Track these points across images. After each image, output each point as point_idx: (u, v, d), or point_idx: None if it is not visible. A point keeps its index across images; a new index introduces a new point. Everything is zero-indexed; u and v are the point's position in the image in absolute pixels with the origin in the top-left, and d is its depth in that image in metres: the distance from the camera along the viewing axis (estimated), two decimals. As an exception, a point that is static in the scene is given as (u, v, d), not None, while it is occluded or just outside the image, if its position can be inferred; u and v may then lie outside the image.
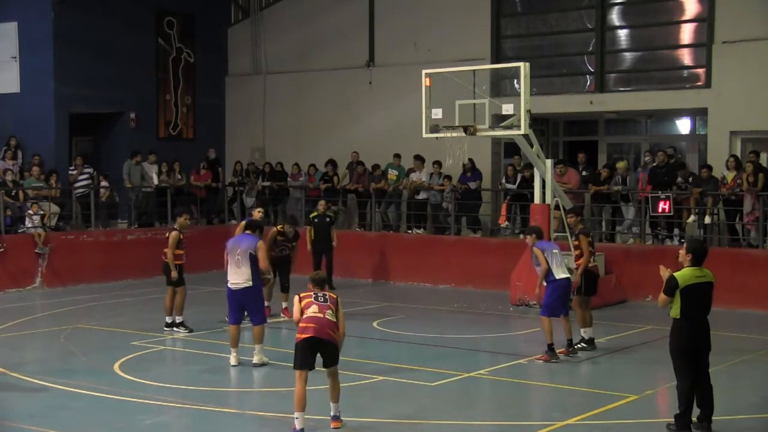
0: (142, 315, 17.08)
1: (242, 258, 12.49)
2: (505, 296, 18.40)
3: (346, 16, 25.29)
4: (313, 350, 9.53)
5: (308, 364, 9.57)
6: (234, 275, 12.56)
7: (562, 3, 22.61)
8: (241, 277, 12.52)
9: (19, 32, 23.48)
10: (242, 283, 12.52)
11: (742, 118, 20.04)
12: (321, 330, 9.45)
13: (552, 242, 13.38)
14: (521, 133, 16.91)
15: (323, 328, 9.46)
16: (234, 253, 12.57)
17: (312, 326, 9.46)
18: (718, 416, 10.00)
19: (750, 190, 18.02)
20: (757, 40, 19.81)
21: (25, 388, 11.63)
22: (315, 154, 24.34)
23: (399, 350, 14.19)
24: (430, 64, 19.54)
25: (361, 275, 21.95)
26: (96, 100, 24.24)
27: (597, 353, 13.67)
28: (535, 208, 18.10)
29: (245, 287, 12.52)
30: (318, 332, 9.44)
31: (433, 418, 10.27)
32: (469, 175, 21.45)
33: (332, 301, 9.67)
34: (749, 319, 16.73)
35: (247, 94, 27.01)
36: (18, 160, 22.52)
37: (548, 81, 22.59)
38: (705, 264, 10.32)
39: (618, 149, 23.90)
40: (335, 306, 9.65)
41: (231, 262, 12.58)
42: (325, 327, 9.47)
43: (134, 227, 23.05)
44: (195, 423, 10.34)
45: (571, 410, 10.53)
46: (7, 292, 19.72)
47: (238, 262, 12.50)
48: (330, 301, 9.65)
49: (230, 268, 12.58)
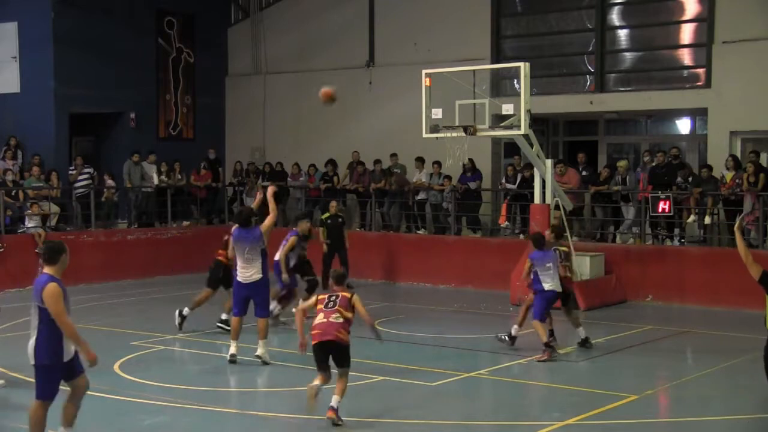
0: (142, 315, 17.09)
1: (252, 255, 12.56)
2: (505, 296, 18.40)
3: (346, 16, 25.30)
4: (324, 353, 9.93)
5: (323, 367, 9.98)
6: (243, 269, 12.61)
7: (562, 3, 22.62)
8: (251, 271, 12.58)
9: (19, 32, 23.50)
10: (252, 276, 12.57)
11: (742, 118, 20.04)
12: (324, 334, 9.85)
13: (550, 252, 13.29)
14: (521, 133, 16.91)
15: (327, 330, 9.84)
16: (242, 251, 12.59)
17: (317, 332, 9.91)
18: (718, 416, 10.00)
19: (750, 190, 18.02)
20: (757, 40, 19.82)
21: (25, 388, 11.62)
22: (315, 154, 24.33)
23: (399, 350, 14.18)
24: (430, 64, 19.54)
25: (361, 275, 21.94)
26: (96, 100, 24.24)
27: (597, 353, 13.67)
28: (535, 208, 18.10)
29: (254, 281, 12.60)
30: (322, 336, 9.86)
31: (433, 418, 10.26)
32: (469, 175, 21.46)
33: (342, 302, 9.95)
34: (749, 319, 16.69)
35: (247, 94, 27.01)
36: (18, 160, 22.52)
37: (548, 81, 22.60)
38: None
39: (618, 149, 23.91)
40: (345, 306, 9.94)
41: (240, 258, 12.64)
42: (328, 330, 9.84)
43: (134, 227, 23.06)
44: (195, 423, 10.33)
45: (571, 410, 10.53)
46: (7, 292, 19.72)
47: (247, 259, 12.57)
48: (339, 303, 9.94)
49: (239, 263, 12.65)
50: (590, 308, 17.49)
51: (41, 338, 8.20)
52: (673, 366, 13.27)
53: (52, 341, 8.19)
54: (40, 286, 8.15)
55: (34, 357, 8.25)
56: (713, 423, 10.29)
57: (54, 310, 8.06)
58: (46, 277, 8.20)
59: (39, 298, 8.13)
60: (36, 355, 8.24)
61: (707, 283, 17.95)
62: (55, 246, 8.44)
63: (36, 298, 8.16)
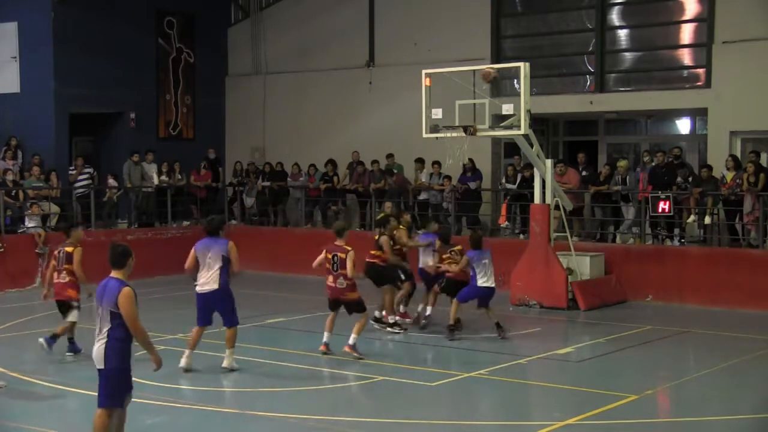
0: (142, 315, 17.03)
1: (213, 263, 12.25)
2: (505, 296, 18.38)
3: (346, 16, 25.30)
4: (335, 304, 13.04)
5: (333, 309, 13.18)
6: (203, 278, 12.30)
7: (562, 3, 22.61)
8: (209, 280, 12.24)
9: (19, 32, 23.48)
10: (208, 285, 12.25)
11: (742, 118, 20.03)
12: (334, 295, 12.92)
13: (487, 252, 14.59)
14: (521, 133, 16.90)
15: (335, 294, 12.90)
16: (205, 257, 12.34)
17: (328, 292, 13.02)
18: (718, 416, 10.00)
19: (750, 190, 18.02)
20: (757, 40, 19.81)
21: (25, 388, 11.63)
22: (315, 154, 24.33)
23: (399, 350, 14.19)
24: (430, 64, 19.51)
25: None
26: (96, 100, 24.23)
27: (597, 353, 13.67)
28: (535, 208, 18.10)
29: (212, 290, 12.25)
30: (332, 296, 12.98)
31: (433, 418, 10.26)
32: (469, 175, 21.46)
33: (342, 265, 12.60)
34: (749, 319, 16.73)
35: (247, 94, 27.01)
36: (18, 160, 22.51)
37: (548, 81, 22.59)
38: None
39: (618, 149, 23.91)
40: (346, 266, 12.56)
41: (202, 266, 12.35)
42: (337, 293, 12.86)
43: (134, 227, 23.05)
44: (195, 423, 10.33)
45: (571, 410, 10.53)
46: (7, 292, 19.72)
47: (209, 265, 12.29)
48: (341, 266, 12.61)
49: (201, 272, 12.34)
50: (590, 308, 17.49)
51: (112, 342, 8.03)
52: (673, 366, 13.26)
53: (124, 345, 8.05)
54: (114, 290, 7.99)
55: (104, 361, 8.06)
56: (713, 423, 10.28)
57: (129, 314, 7.97)
58: (116, 282, 8.05)
59: (112, 302, 7.99)
60: (106, 359, 8.05)
61: (707, 283, 17.95)
62: (123, 249, 8.25)
63: (108, 302, 8.01)
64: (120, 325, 8.01)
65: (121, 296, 7.95)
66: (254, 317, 16.56)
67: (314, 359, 12.92)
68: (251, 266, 23.53)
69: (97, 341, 8.09)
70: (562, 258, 18.05)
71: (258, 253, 23.32)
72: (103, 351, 8.03)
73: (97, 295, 8.15)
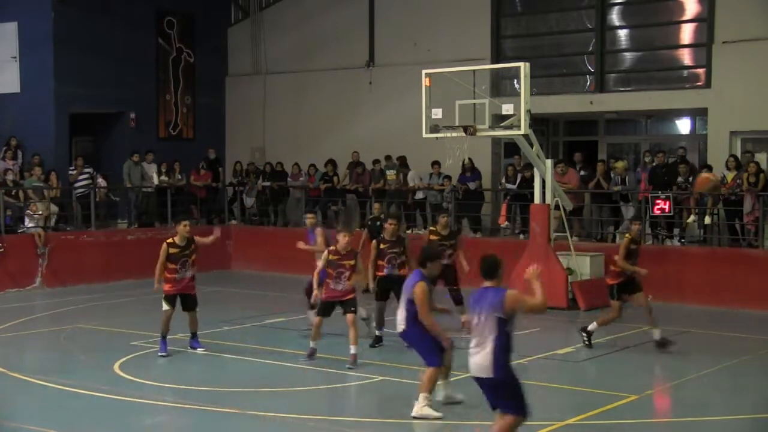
0: (142, 315, 17.05)
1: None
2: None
3: (346, 16, 25.31)
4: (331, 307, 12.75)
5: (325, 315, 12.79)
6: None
7: (562, 3, 22.62)
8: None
9: (19, 32, 23.49)
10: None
11: (742, 118, 20.05)
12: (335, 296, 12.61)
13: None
14: (521, 133, 16.90)
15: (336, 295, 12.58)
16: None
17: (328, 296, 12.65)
18: (718, 416, 10.00)
19: (750, 190, 18.02)
20: (757, 40, 19.82)
21: (25, 388, 11.63)
22: (315, 154, 24.33)
23: (399, 350, 14.16)
24: (430, 64, 19.53)
25: (361, 275, 21.92)
26: (96, 100, 24.23)
27: (597, 353, 13.66)
28: (535, 208, 18.10)
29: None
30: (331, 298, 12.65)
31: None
32: (469, 175, 21.45)
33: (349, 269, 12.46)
34: (749, 319, 16.73)
35: (247, 94, 27.01)
36: (18, 160, 22.51)
37: (548, 81, 22.60)
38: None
39: (618, 149, 23.92)
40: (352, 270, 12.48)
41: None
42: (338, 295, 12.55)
43: (134, 227, 23.05)
44: (195, 423, 10.33)
45: (571, 410, 10.53)
46: (8, 292, 19.71)
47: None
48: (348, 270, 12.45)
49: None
50: (590, 308, 17.48)
51: (498, 350, 7.87)
52: (673, 366, 13.25)
53: (507, 352, 7.94)
54: (499, 296, 7.91)
55: (493, 370, 7.92)
56: (713, 423, 10.28)
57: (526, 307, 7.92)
58: (495, 291, 7.99)
59: (499, 308, 7.86)
60: (494, 368, 7.90)
61: (707, 283, 17.95)
62: (495, 261, 8.22)
63: (496, 308, 7.87)
64: (503, 332, 7.89)
65: (510, 298, 7.91)
66: (254, 317, 16.57)
67: (314, 359, 12.90)
68: (251, 266, 23.62)
69: (481, 349, 7.96)
70: (562, 258, 18.05)
71: (258, 253, 23.36)
72: (490, 359, 7.91)
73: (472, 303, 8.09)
